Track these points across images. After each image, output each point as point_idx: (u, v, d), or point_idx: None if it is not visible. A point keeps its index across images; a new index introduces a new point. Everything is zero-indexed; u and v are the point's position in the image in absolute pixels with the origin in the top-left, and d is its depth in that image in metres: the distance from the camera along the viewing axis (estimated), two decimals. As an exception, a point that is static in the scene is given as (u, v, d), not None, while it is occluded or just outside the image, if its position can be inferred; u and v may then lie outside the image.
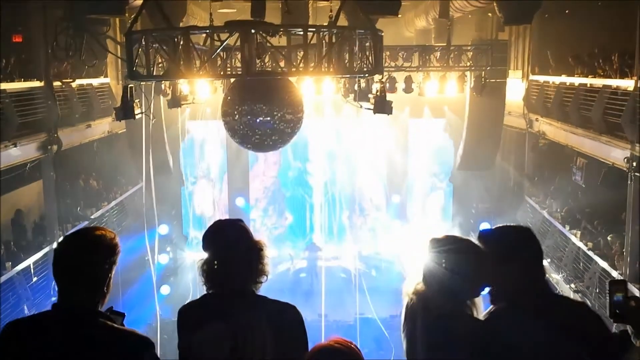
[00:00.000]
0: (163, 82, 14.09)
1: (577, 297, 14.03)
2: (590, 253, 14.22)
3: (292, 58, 9.31)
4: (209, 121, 20.86)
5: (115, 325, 2.84)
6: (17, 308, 12.83)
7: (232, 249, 3.29)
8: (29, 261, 13.72)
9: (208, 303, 3.33)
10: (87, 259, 2.82)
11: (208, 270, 3.29)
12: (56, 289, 2.87)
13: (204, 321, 3.21)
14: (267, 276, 3.34)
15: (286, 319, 3.25)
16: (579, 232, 15.24)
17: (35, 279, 13.59)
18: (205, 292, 3.37)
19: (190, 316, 3.32)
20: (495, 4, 12.97)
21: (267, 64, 11.56)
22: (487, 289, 3.26)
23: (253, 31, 8.39)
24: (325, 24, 9.90)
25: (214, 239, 3.34)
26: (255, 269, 3.29)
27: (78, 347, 2.71)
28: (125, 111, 10.38)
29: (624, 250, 12.91)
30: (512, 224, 3.49)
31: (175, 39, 8.57)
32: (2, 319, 11.59)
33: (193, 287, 18.83)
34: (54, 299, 2.92)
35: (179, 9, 13.68)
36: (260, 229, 22.57)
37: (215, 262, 3.27)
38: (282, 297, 3.35)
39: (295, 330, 3.25)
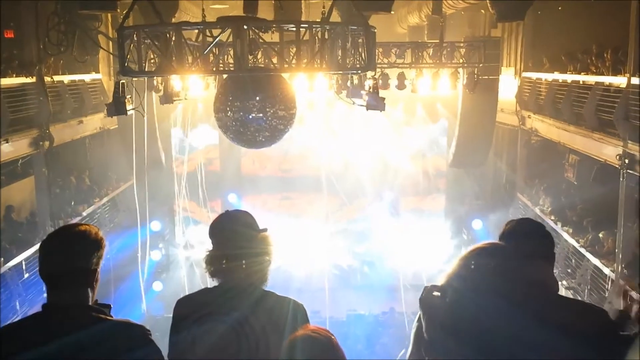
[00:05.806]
0: (155, 78, 14.04)
1: (569, 294, 14.09)
2: (582, 250, 14.25)
3: (285, 54, 9.28)
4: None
5: (109, 317, 2.80)
6: (9, 304, 12.77)
7: (237, 238, 3.29)
8: (21, 257, 13.64)
9: (207, 296, 3.29)
10: (74, 256, 2.77)
11: (212, 260, 3.30)
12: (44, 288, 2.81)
13: (201, 315, 3.17)
14: (269, 267, 3.34)
15: (290, 317, 3.19)
16: (571, 229, 15.28)
17: (27, 275, 13.52)
18: (205, 285, 3.35)
19: (187, 309, 3.27)
20: (487, 1, 12.96)
21: (259, 60, 11.56)
22: None
23: (245, 27, 8.35)
24: (318, 20, 9.86)
25: (219, 228, 3.35)
26: (259, 259, 3.29)
27: (75, 345, 2.66)
28: (117, 107, 10.30)
29: (615, 247, 12.96)
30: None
31: (168, 35, 8.52)
32: (-6, 316, 11.57)
33: (186, 283, 18.86)
34: (45, 295, 2.86)
35: (171, 5, 13.63)
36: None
37: (220, 251, 3.29)
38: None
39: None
